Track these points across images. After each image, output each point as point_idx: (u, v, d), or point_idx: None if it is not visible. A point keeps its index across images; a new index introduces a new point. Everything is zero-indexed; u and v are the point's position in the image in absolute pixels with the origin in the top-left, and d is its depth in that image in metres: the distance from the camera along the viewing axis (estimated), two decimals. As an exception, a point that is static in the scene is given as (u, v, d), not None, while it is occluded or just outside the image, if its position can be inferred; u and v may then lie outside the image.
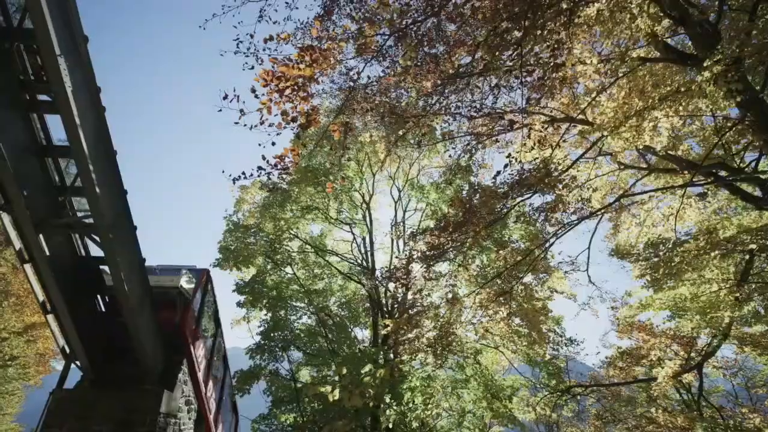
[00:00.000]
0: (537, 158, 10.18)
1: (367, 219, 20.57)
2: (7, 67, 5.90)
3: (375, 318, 19.30)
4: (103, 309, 9.04)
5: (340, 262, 21.11)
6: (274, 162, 9.04)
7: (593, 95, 9.77)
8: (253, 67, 8.25)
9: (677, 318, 14.58)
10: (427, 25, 8.37)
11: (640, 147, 9.36)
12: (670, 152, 10.01)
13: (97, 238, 7.05)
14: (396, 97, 10.73)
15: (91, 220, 6.92)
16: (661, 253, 11.97)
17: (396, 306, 18.96)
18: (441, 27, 8.49)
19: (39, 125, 6.69)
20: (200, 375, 10.32)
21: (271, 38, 8.29)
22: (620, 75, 8.80)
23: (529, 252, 12.41)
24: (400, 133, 11.09)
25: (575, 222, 10.91)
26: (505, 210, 11.25)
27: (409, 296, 17.35)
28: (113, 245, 6.95)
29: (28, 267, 7.57)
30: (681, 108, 6.96)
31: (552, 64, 7.09)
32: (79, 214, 7.63)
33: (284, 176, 10.21)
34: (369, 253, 20.71)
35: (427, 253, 12.19)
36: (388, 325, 16.16)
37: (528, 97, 8.79)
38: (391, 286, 18.10)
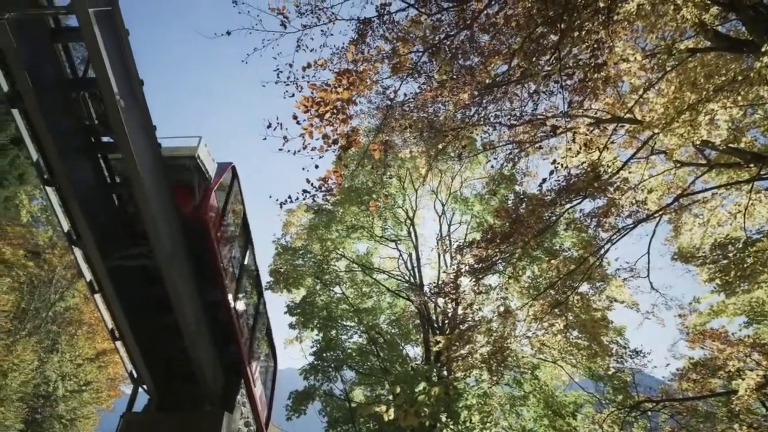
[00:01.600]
0: (584, 162, 9.83)
1: (412, 235, 20.51)
2: (74, 113, 6.46)
3: (426, 335, 19.04)
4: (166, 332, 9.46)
5: (387, 280, 21.10)
6: (318, 184, 9.28)
7: (640, 92, 9.35)
8: (293, 95, 8.56)
9: (755, 324, 13.37)
10: (460, 38, 8.39)
11: (697, 142, 8.82)
12: (731, 145, 9.36)
13: (156, 266, 7.47)
14: (434, 112, 10.76)
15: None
16: (730, 255, 11.12)
17: (446, 322, 18.64)
18: (474, 39, 8.47)
19: (104, 164, 7.24)
20: (226, 284, 8.75)
21: (309, 66, 8.61)
22: (668, 69, 8.38)
23: (583, 260, 11.89)
24: (440, 146, 11.07)
25: (631, 226, 10.38)
26: (554, 218, 10.89)
27: (460, 311, 17.02)
28: (173, 276, 7.33)
29: (97, 297, 8.11)
30: (740, 98, 6.52)
31: (593, 64, 6.88)
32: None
33: (328, 197, 10.44)
34: (416, 269, 20.58)
35: (475, 266, 11.96)
36: (439, 342, 15.90)
37: (570, 100, 8.55)
38: (441, 301, 17.83)
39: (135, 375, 9.23)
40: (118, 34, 5.89)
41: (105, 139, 6.96)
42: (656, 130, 8.06)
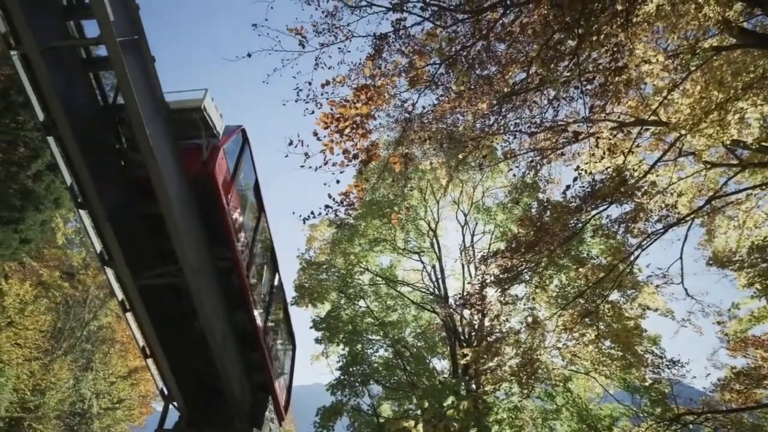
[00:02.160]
0: (608, 167, 9.62)
1: (435, 246, 20.39)
2: (105, 138, 6.73)
3: (452, 347, 18.78)
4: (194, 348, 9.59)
5: (412, 292, 20.97)
6: (339, 199, 9.37)
7: (664, 94, 9.15)
8: (313, 112, 8.71)
9: (802, 330, 12.69)
10: (476, 49, 8.40)
11: (727, 142, 8.55)
12: (764, 144, 9.02)
13: (184, 281, 7.63)
14: (452, 123, 10.76)
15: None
16: (770, 257, 10.63)
17: (473, 334, 18.36)
18: (491, 48, 8.48)
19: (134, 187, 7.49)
20: (238, 249, 8.22)
21: (327, 83, 8.77)
22: (692, 69, 8.18)
23: (612, 267, 11.57)
24: (460, 157, 11.04)
25: (661, 231, 10.08)
26: (580, 225, 10.67)
27: (486, 323, 16.76)
28: (200, 293, 7.46)
29: (129, 315, 8.32)
30: (770, 94, 6.30)
31: (613, 68, 6.78)
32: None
33: (350, 212, 10.49)
34: (440, 281, 20.42)
35: (501, 276, 11.78)
36: (466, 355, 15.65)
37: (591, 105, 8.42)
38: (466, 313, 17.61)
39: (166, 392, 9.38)
40: (144, 61, 6.14)
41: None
42: (683, 132, 7.84)
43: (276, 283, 11.31)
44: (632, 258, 11.39)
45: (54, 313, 26.42)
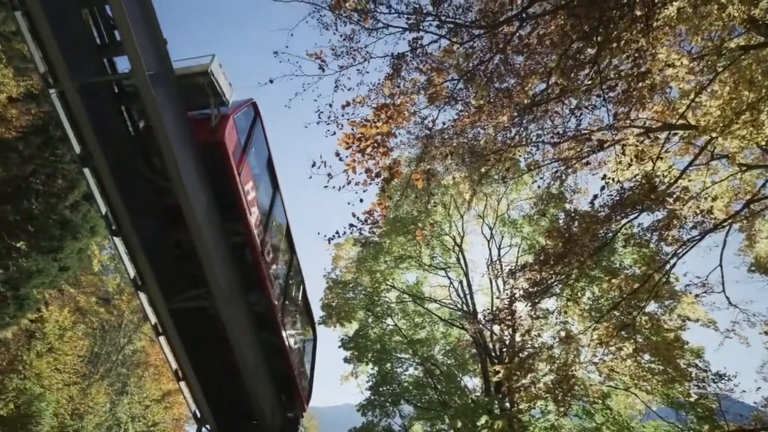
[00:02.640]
0: (637, 174, 9.38)
1: (461, 261, 20.16)
2: (137, 167, 7.00)
3: (484, 364, 18.36)
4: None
5: (439, 309, 20.72)
6: (363, 218, 9.43)
7: (691, 97, 8.91)
8: (335, 133, 8.87)
9: None
10: (494, 62, 8.42)
11: (762, 143, 8.22)
12: (803, 143, 8.64)
13: (215, 306, 7.76)
14: (473, 137, 10.73)
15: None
16: (818, 261, 10.05)
17: (504, 350, 17.92)
18: (508, 61, 8.48)
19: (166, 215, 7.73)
20: (251, 222, 7.83)
21: (347, 104, 8.93)
22: (719, 70, 7.96)
23: (647, 277, 11.15)
24: (483, 170, 10.98)
25: (697, 238, 9.70)
26: (610, 234, 10.37)
27: (518, 338, 16.33)
28: (230, 315, 7.58)
29: (162, 339, 8.48)
30: (806, 92, 6.05)
31: (635, 74, 6.67)
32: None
33: (374, 230, 10.52)
34: (468, 296, 20.11)
35: (530, 290, 11.52)
36: (498, 372, 15.26)
37: (615, 112, 8.28)
38: (496, 328, 17.23)
39: (198, 415, 9.46)
40: (173, 92, 6.39)
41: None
42: (714, 134, 7.60)
43: (294, 265, 10.76)
44: (668, 267, 10.97)
45: (91, 338, 27.21)
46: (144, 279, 7.29)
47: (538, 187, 13.91)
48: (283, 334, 9.18)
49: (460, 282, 20.55)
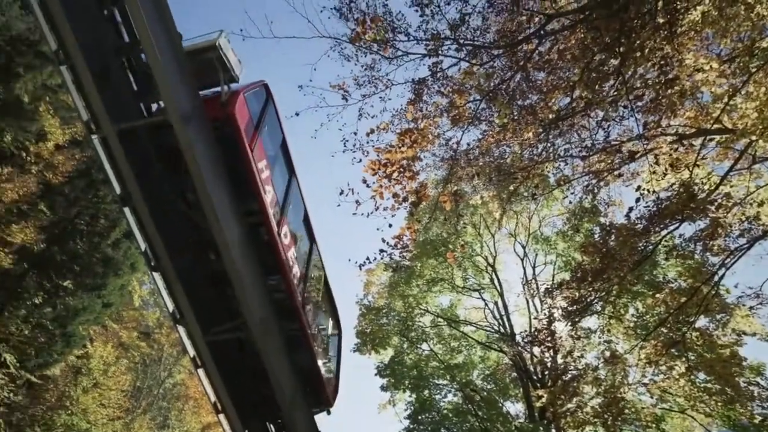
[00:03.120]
0: (673, 183, 9.05)
1: (495, 282, 19.73)
2: (174, 203, 7.29)
3: (526, 389, 17.67)
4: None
5: (475, 332, 20.23)
6: (393, 242, 9.44)
7: (725, 100, 8.61)
8: (360, 160, 9.02)
9: None
10: (515, 80, 8.43)
11: (807, 143, 7.81)
12: None
13: (251, 338, 7.84)
14: (499, 155, 10.68)
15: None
16: None
17: (546, 373, 17.23)
18: (530, 78, 8.47)
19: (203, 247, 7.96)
20: (265, 200, 7.57)
21: (372, 131, 9.09)
22: (753, 70, 7.68)
23: (695, 290, 10.59)
24: (511, 188, 10.85)
25: (746, 246, 9.19)
26: (650, 247, 9.97)
27: (560, 360, 15.69)
28: (265, 345, 7.65)
29: (200, 371, 8.60)
30: None
31: (663, 81, 6.52)
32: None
33: (405, 254, 10.49)
34: (504, 318, 19.57)
35: (569, 308, 11.12)
36: (542, 396, 14.64)
37: (644, 121, 8.08)
38: (536, 350, 16.63)
39: (238, 448, 9.45)
40: (206, 128, 6.67)
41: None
42: (753, 137, 7.28)
43: (315, 255, 10.34)
44: (716, 278, 10.40)
45: (133, 372, 27.87)
46: (182, 312, 7.47)
47: (570, 202, 13.60)
48: (305, 321, 8.77)
49: (495, 303, 20.07)
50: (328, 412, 10.12)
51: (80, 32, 5.61)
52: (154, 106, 7.29)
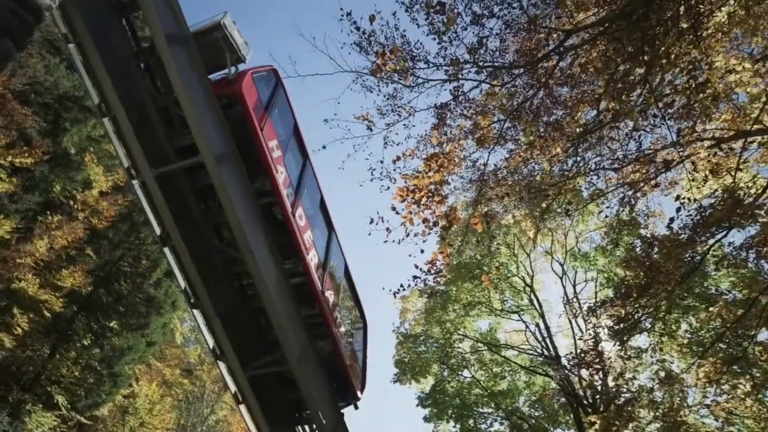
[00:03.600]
0: (716, 189, 8.64)
1: (535, 303, 19.13)
2: (210, 242, 7.52)
3: (576, 415, 16.77)
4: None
5: (518, 356, 19.54)
6: (426, 268, 9.35)
7: (762, 100, 8.25)
8: (388, 188, 9.09)
9: None
10: (538, 97, 8.38)
11: None
12: None
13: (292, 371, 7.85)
14: (528, 173, 10.53)
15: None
16: None
17: (598, 397, 16.34)
18: (553, 94, 8.41)
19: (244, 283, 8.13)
20: (279, 181, 7.39)
21: (398, 158, 9.18)
22: (790, 68, 7.38)
23: (752, 301, 9.91)
24: (543, 206, 10.62)
25: (804, 250, 8.59)
26: (698, 257, 9.47)
27: (610, 382, 14.89)
28: (305, 376, 7.63)
29: (242, 407, 8.62)
30: None
31: (693, 86, 6.33)
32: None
33: (439, 279, 10.36)
34: (547, 340, 18.85)
35: (615, 327, 10.61)
36: (594, 423, 13.85)
37: (678, 128, 7.83)
38: (584, 373, 15.85)
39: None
40: (239, 168, 6.92)
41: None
42: (799, 136, 6.91)
43: (334, 242, 10.07)
44: (774, 287, 9.72)
45: (177, 410, 28.23)
46: (222, 349, 7.58)
47: (606, 216, 13.18)
48: (325, 307, 8.45)
49: (537, 325, 19.40)
50: (356, 406, 9.64)
51: (119, 85, 6.01)
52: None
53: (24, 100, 14.34)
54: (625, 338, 10.99)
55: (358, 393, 9.64)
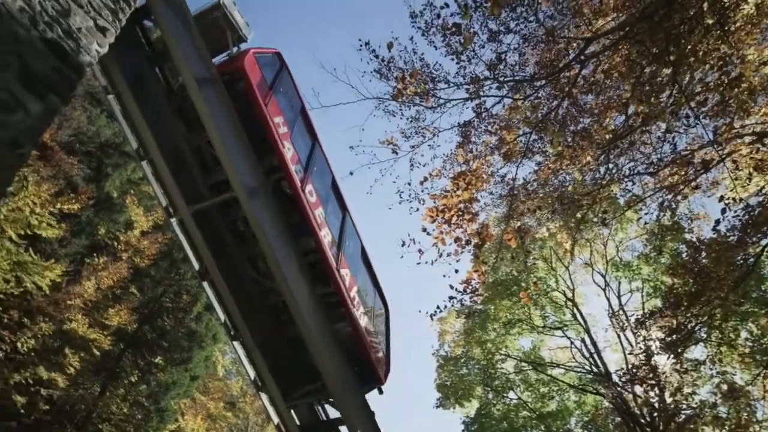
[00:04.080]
0: (762, 187, 8.19)
1: (578, 317, 18.39)
2: (246, 273, 7.67)
3: (634, 435, 15.79)
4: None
5: (565, 374, 18.72)
6: (462, 287, 9.20)
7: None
8: (417, 209, 9.08)
9: None
10: (563, 107, 8.28)
11: None
12: None
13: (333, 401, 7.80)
14: (560, 184, 10.32)
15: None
16: None
17: (656, 415, 15.36)
18: (578, 103, 8.28)
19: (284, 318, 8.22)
20: (287, 157, 7.22)
21: (425, 179, 9.20)
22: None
23: (817, 303, 9.23)
24: (578, 216, 10.34)
25: None
26: (751, 260, 8.93)
27: (668, 399, 14.02)
28: (347, 407, 7.57)
29: (286, 439, 8.60)
30: None
31: (726, 82, 6.10)
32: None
33: (476, 298, 10.15)
34: (595, 356, 17.98)
35: (667, 339, 10.06)
36: (654, 442, 13.02)
37: (714, 126, 7.53)
38: (639, 389, 14.99)
39: None
40: (271, 204, 7.09)
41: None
42: None
43: (348, 223, 9.77)
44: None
45: (222, 444, 28.35)
46: (263, 379, 7.64)
47: (645, 223, 12.67)
48: (341, 285, 8.08)
49: (582, 340, 18.58)
50: (380, 391, 9.25)
51: (155, 129, 6.35)
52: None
53: (70, 150, 15.31)
54: (679, 350, 10.40)
55: (382, 377, 9.25)
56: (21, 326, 13.08)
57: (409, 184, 9.16)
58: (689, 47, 5.79)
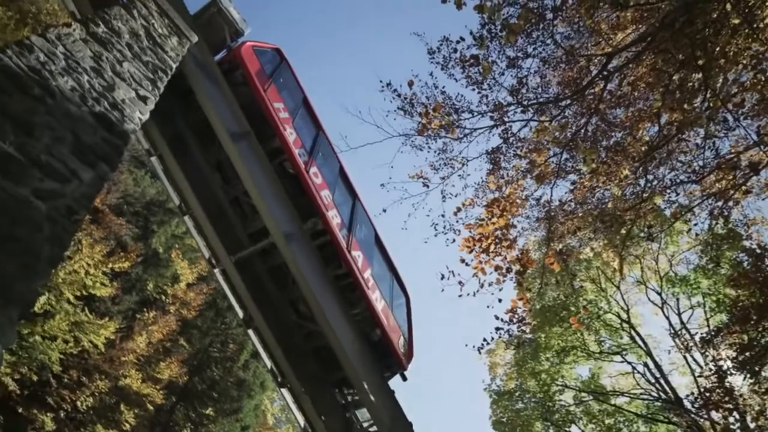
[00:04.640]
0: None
1: (637, 339, 17.27)
2: (289, 318, 7.74)
3: (717, 467, 14.34)
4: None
5: (630, 403, 17.42)
6: (507, 317, 8.89)
7: None
8: (454, 240, 8.99)
9: None
10: (592, 123, 8.13)
11: None
12: None
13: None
14: (598, 201, 10.00)
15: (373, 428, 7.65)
16: None
17: (738, 443, 13.96)
18: (606, 118, 8.13)
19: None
20: (290, 141, 7.27)
21: (458, 209, 9.13)
22: None
23: None
24: (623, 232, 9.91)
25: None
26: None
27: (750, 424, 12.75)
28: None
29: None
30: None
31: (762, 80, 5.85)
32: (365, 424, 8.47)
33: (523, 327, 9.78)
34: (661, 380, 16.71)
35: (740, 357, 9.26)
36: (741, 474, 11.77)
37: (757, 126, 7.17)
38: (715, 415, 13.73)
39: None
40: (308, 243, 7.22)
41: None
42: None
43: (358, 209, 9.72)
44: None
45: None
46: (313, 427, 7.54)
47: (697, 233, 11.99)
48: (353, 265, 7.87)
49: (645, 364, 17.36)
50: (404, 377, 8.94)
51: (195, 185, 6.68)
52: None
53: (118, 212, 16.30)
54: (756, 368, 9.52)
55: (404, 363, 8.98)
56: (80, 385, 13.58)
57: (443, 215, 9.13)
58: (717, 49, 5.63)
